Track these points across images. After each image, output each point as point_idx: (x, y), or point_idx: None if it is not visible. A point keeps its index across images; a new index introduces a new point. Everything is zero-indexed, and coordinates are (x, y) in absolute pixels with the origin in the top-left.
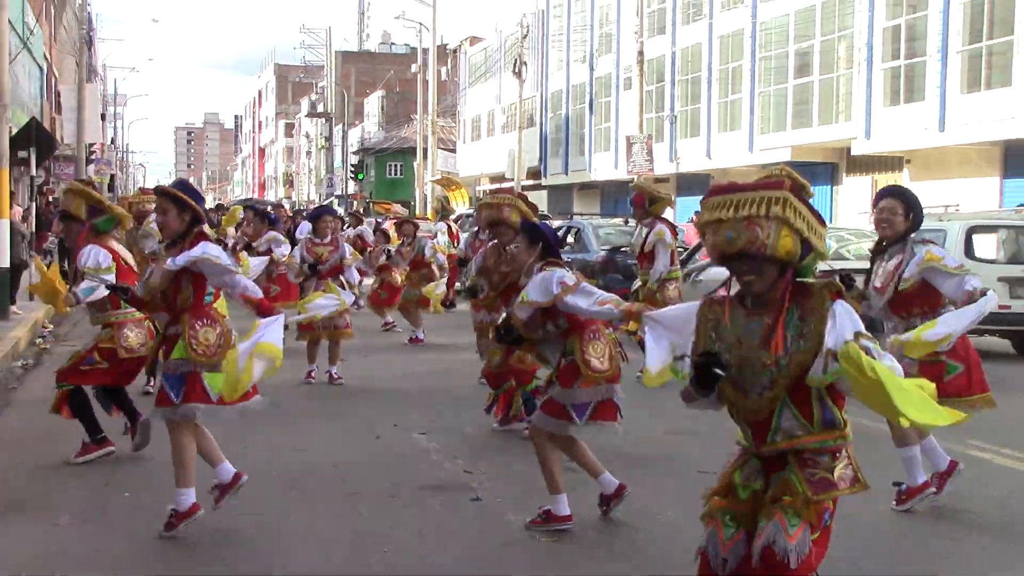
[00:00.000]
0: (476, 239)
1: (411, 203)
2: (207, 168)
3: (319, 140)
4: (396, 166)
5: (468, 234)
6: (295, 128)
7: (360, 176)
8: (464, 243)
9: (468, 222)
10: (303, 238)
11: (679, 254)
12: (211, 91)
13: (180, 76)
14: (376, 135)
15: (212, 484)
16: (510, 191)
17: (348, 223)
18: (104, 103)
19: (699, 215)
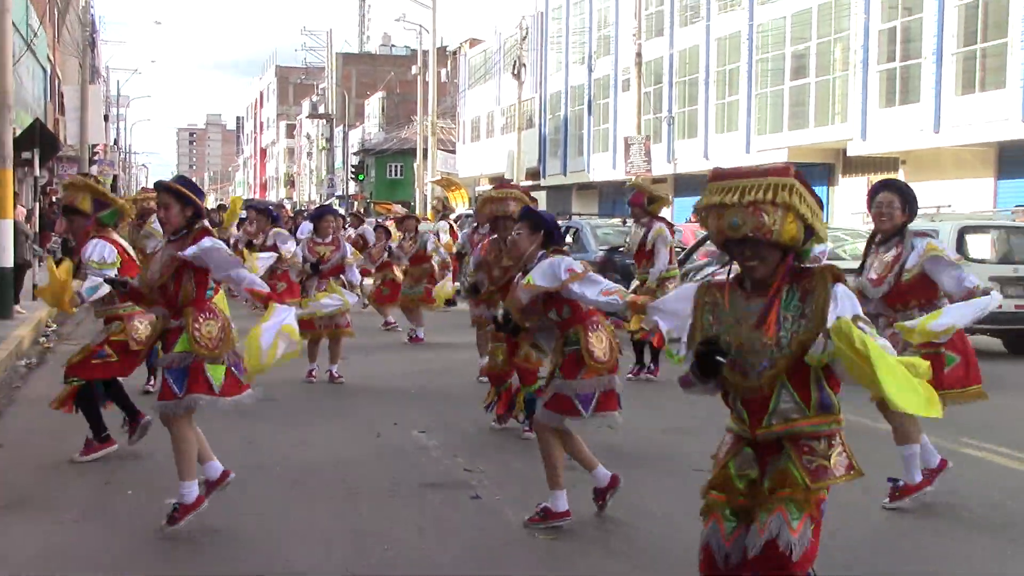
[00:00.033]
0: (475, 233)
1: (411, 203)
2: (209, 169)
3: (320, 141)
4: (396, 167)
5: (467, 228)
6: (296, 129)
7: (361, 177)
8: (463, 237)
9: (467, 222)
10: (304, 238)
11: (676, 254)
12: (213, 92)
13: (182, 77)
14: (376, 136)
15: (199, 480)
16: (515, 185)
17: (349, 223)
18: (107, 104)
19: (702, 198)
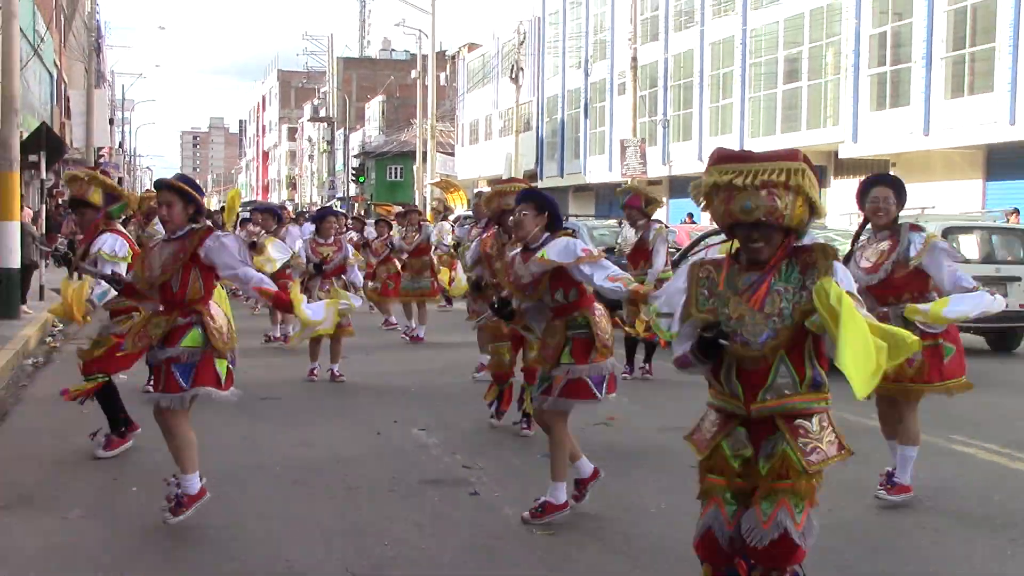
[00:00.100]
0: (475, 226)
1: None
2: (212, 171)
3: (321, 144)
4: (396, 169)
5: (467, 225)
6: (298, 132)
7: (361, 179)
8: (462, 232)
9: (467, 223)
10: (306, 238)
11: (671, 255)
12: (216, 96)
13: (186, 82)
14: (377, 139)
15: (173, 475)
16: (522, 180)
17: (351, 226)
18: (112, 108)
19: (707, 177)
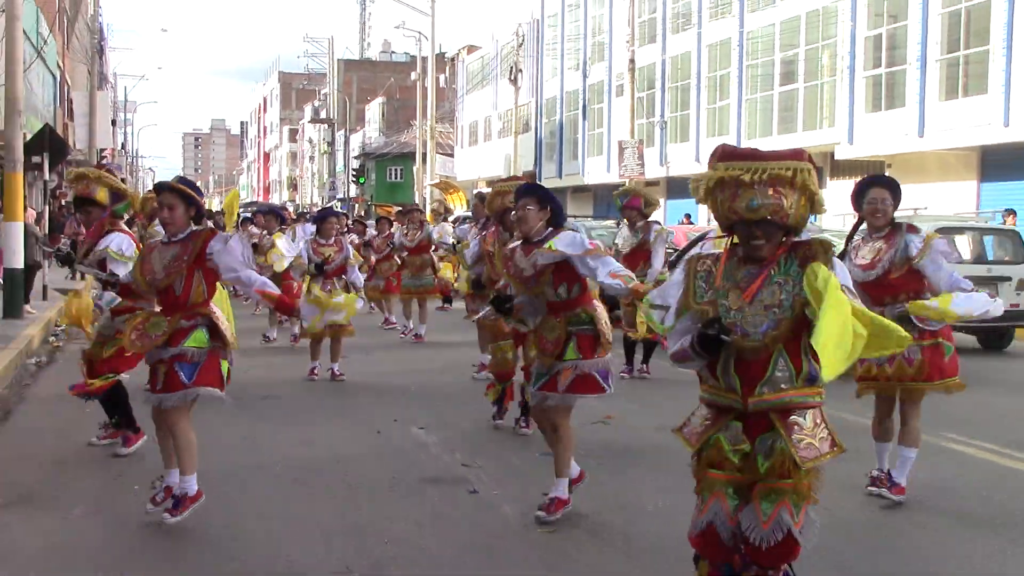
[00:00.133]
0: (474, 226)
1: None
2: (214, 172)
3: (322, 145)
4: (396, 170)
5: (467, 225)
6: (299, 133)
7: (361, 180)
8: (461, 231)
9: (467, 224)
10: (307, 239)
11: (668, 255)
12: (218, 98)
13: (188, 84)
14: (377, 140)
15: (159, 477)
16: (523, 177)
17: (352, 228)
18: (115, 110)
19: (711, 172)
